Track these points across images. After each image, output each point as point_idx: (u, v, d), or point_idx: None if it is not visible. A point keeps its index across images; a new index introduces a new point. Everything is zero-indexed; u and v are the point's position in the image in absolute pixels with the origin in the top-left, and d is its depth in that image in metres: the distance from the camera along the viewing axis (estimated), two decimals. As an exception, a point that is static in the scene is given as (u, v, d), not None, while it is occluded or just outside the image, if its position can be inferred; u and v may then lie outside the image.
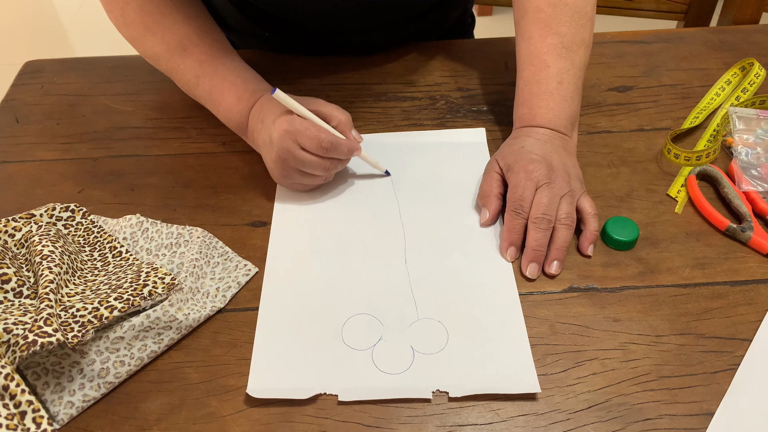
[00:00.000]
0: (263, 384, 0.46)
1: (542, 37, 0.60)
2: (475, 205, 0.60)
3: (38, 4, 2.52)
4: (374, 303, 0.52)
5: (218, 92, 0.61)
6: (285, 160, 0.56)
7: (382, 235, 0.57)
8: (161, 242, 0.56)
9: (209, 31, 0.63)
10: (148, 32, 0.62)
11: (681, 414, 0.45)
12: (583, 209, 0.56)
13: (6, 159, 0.66)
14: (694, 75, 0.73)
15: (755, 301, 0.52)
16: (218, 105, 0.62)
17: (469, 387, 0.46)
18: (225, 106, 0.61)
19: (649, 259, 0.55)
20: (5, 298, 0.47)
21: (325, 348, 0.49)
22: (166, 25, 0.61)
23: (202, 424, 0.45)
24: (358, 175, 0.63)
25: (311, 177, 0.58)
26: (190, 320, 0.49)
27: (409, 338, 0.50)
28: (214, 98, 0.62)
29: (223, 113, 0.62)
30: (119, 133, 0.68)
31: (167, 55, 0.62)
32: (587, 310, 0.52)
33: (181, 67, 0.62)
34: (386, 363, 0.48)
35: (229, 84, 0.61)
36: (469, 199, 0.60)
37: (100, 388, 0.46)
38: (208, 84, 0.62)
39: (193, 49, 0.62)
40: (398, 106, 0.70)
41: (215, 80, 0.61)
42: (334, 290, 0.53)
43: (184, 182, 0.63)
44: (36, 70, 0.77)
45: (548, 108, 0.59)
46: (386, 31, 0.75)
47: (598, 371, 0.48)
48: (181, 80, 0.63)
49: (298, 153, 0.55)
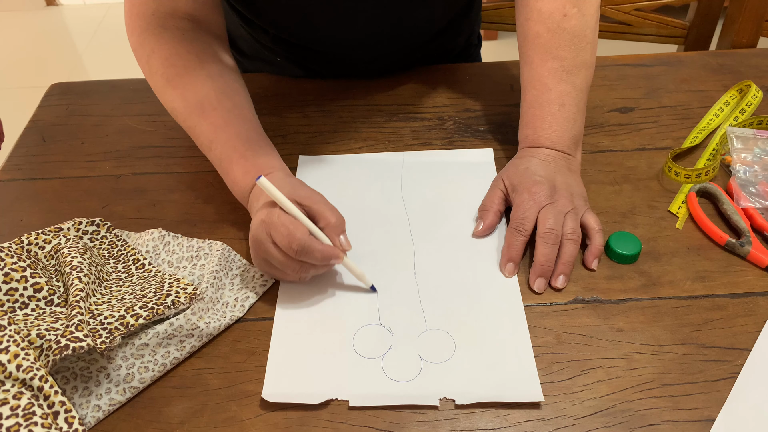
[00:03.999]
0: (277, 389, 0.49)
1: (543, 62, 0.62)
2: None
3: (55, 30, 2.59)
4: (385, 314, 0.54)
5: (227, 162, 0.60)
6: (257, 249, 0.53)
7: (393, 248, 0.60)
8: (182, 255, 0.58)
9: (230, 93, 0.62)
10: (170, 86, 0.61)
11: (683, 420, 0.47)
12: (588, 225, 0.58)
13: (34, 176, 0.69)
14: (694, 97, 0.76)
15: (754, 312, 0.54)
16: (226, 175, 0.60)
17: (475, 395, 0.48)
18: (232, 177, 0.60)
19: (651, 272, 0.57)
20: (37, 306, 0.50)
21: (337, 356, 0.51)
22: (188, 82, 0.61)
23: (223, 428, 0.47)
24: (370, 192, 0.65)
25: (281, 272, 0.54)
26: (211, 328, 0.52)
27: (418, 348, 0.52)
28: (223, 167, 0.60)
29: (230, 183, 0.60)
30: (141, 151, 0.71)
31: (185, 113, 0.61)
32: (592, 321, 0.54)
33: (197, 128, 0.61)
34: (395, 371, 0.50)
35: (238, 156, 0.59)
36: (476, 215, 0.63)
37: (125, 393, 0.48)
38: (220, 151, 0.60)
39: (211, 111, 0.60)
40: (408, 126, 0.73)
41: (226, 149, 0.60)
42: (347, 301, 0.55)
43: (203, 198, 0.65)
44: (61, 92, 0.80)
45: (551, 129, 0.62)
46: (395, 58, 0.79)
47: (602, 379, 0.50)
48: (197, 141, 0.62)
49: (268, 246, 0.52)
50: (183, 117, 0.62)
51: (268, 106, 0.76)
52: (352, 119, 0.74)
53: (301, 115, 0.75)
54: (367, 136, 0.72)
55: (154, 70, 0.62)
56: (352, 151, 0.70)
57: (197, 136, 0.62)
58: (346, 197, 0.64)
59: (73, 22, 2.61)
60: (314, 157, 0.69)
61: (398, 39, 0.75)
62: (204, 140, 0.61)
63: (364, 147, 0.71)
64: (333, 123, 0.74)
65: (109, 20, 2.61)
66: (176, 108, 0.62)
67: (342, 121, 0.74)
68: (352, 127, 0.73)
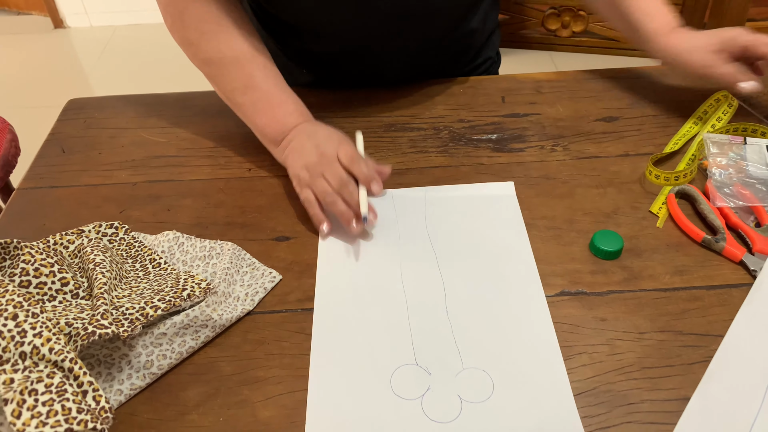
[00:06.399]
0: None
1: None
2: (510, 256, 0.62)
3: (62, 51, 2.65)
4: (420, 354, 0.54)
5: (266, 104, 0.69)
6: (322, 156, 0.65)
7: (423, 286, 0.60)
8: (195, 254, 0.63)
9: (262, 51, 0.71)
10: (204, 39, 0.69)
11: (661, 399, 0.51)
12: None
13: (54, 184, 0.73)
14: (675, 106, 0.81)
15: (728, 303, 0.58)
16: (261, 114, 0.69)
17: None
18: (271, 116, 0.69)
19: (633, 267, 0.61)
20: (64, 299, 0.54)
21: (376, 398, 0.51)
22: (223, 38, 0.68)
23: (236, 410, 0.51)
24: (395, 228, 0.66)
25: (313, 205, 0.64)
26: (224, 320, 0.56)
27: (456, 388, 0.52)
28: (258, 107, 0.69)
29: (265, 121, 0.69)
30: (155, 161, 0.76)
31: (219, 63, 0.69)
32: (577, 311, 0.58)
33: (232, 74, 0.69)
34: (436, 412, 0.50)
35: (278, 100, 0.69)
36: (503, 250, 0.63)
37: (145, 378, 0.52)
38: (257, 95, 0.69)
39: (247, 64, 0.68)
40: (405, 136, 0.78)
41: (264, 94, 0.69)
42: (381, 342, 0.55)
43: (214, 203, 0.70)
44: (79, 107, 0.85)
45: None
46: (418, 59, 0.83)
47: (587, 363, 0.53)
48: (226, 86, 0.70)
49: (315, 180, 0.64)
50: (217, 66, 0.69)
51: (274, 118, 0.81)
52: (353, 129, 0.79)
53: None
54: (368, 145, 0.76)
55: (187, 25, 0.69)
56: (353, 159, 0.75)
57: (229, 81, 0.69)
58: (372, 234, 0.65)
59: (80, 44, 2.68)
60: None
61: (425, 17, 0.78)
62: (238, 84, 0.69)
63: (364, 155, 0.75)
64: (335, 133, 0.79)
65: (115, 42, 2.68)
66: (211, 58, 0.69)
67: (344, 131, 0.78)
68: (352, 136, 0.78)
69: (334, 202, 0.63)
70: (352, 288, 0.60)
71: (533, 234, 0.65)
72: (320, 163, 0.65)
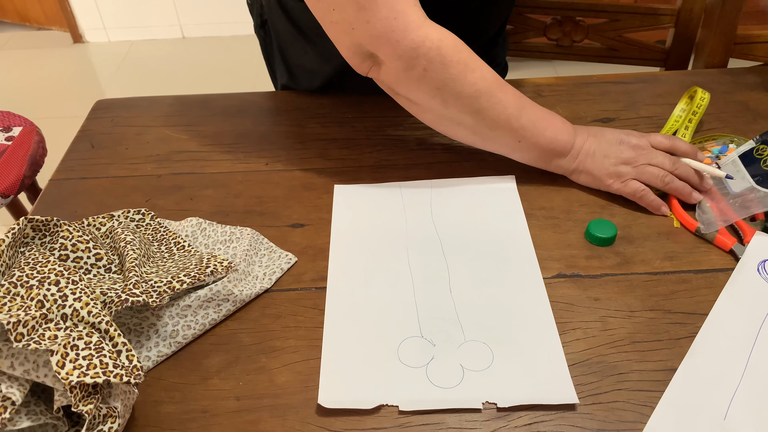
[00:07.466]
0: (332, 396, 0.53)
1: None
2: (511, 242, 0.66)
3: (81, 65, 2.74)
4: (425, 327, 0.58)
5: (544, 121, 0.69)
6: (637, 148, 0.70)
7: (428, 267, 0.64)
8: (217, 239, 0.67)
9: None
10: (468, 69, 0.65)
11: (649, 369, 0.55)
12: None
13: (85, 176, 0.78)
14: (669, 109, 0.85)
15: (715, 285, 0.62)
16: (545, 130, 0.69)
17: (514, 398, 0.52)
18: (555, 128, 0.70)
19: (626, 253, 0.65)
20: (98, 273, 0.59)
21: (384, 365, 0.55)
22: (478, 65, 0.66)
23: (254, 375, 0.55)
24: (403, 216, 0.70)
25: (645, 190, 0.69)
26: (244, 295, 0.60)
27: (459, 358, 0.55)
28: (540, 125, 0.69)
29: (550, 136, 0.69)
30: (178, 155, 0.81)
31: (489, 90, 0.66)
32: (572, 291, 0.62)
33: (503, 101, 0.67)
34: (439, 378, 0.54)
35: (548, 113, 0.70)
36: (503, 236, 0.67)
37: (171, 347, 0.57)
38: (532, 114, 0.69)
39: (505, 85, 0.67)
40: (413, 135, 0.83)
41: (537, 110, 0.69)
42: (389, 316, 0.59)
43: (234, 194, 0.74)
44: (106, 107, 0.90)
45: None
46: None
47: (580, 338, 0.57)
48: (500, 114, 0.67)
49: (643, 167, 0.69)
50: (487, 95, 0.66)
51: (290, 117, 0.86)
52: (363, 128, 0.84)
53: (318, 125, 0.85)
54: (377, 143, 0.81)
55: (448, 60, 0.64)
56: (363, 155, 0.80)
57: (503, 108, 0.67)
58: (381, 222, 0.69)
59: (98, 58, 2.77)
60: (349, 186, 0.75)
61: None
62: (512, 110, 0.67)
63: (373, 152, 0.80)
64: (346, 131, 0.84)
65: (132, 56, 2.77)
66: (480, 89, 0.66)
67: (354, 129, 0.84)
68: (363, 134, 0.83)
69: (672, 180, 0.69)
70: (363, 269, 0.64)
71: (532, 223, 0.69)
72: (640, 155, 0.69)
